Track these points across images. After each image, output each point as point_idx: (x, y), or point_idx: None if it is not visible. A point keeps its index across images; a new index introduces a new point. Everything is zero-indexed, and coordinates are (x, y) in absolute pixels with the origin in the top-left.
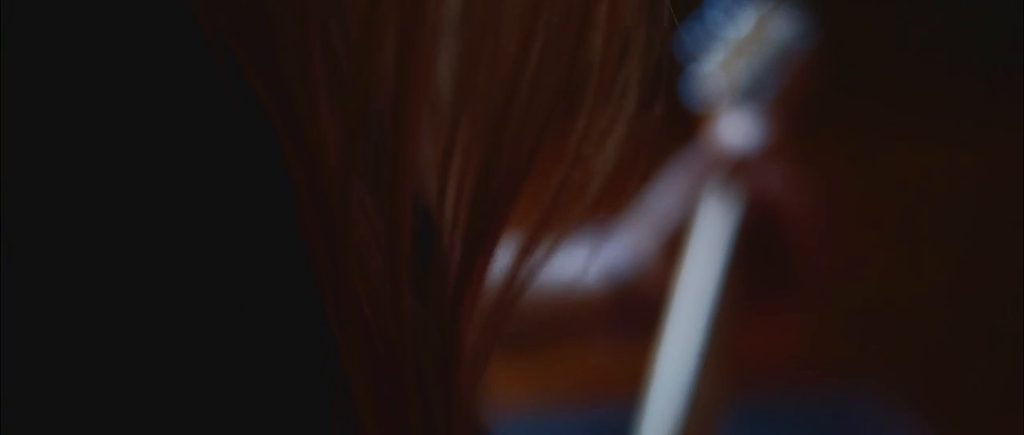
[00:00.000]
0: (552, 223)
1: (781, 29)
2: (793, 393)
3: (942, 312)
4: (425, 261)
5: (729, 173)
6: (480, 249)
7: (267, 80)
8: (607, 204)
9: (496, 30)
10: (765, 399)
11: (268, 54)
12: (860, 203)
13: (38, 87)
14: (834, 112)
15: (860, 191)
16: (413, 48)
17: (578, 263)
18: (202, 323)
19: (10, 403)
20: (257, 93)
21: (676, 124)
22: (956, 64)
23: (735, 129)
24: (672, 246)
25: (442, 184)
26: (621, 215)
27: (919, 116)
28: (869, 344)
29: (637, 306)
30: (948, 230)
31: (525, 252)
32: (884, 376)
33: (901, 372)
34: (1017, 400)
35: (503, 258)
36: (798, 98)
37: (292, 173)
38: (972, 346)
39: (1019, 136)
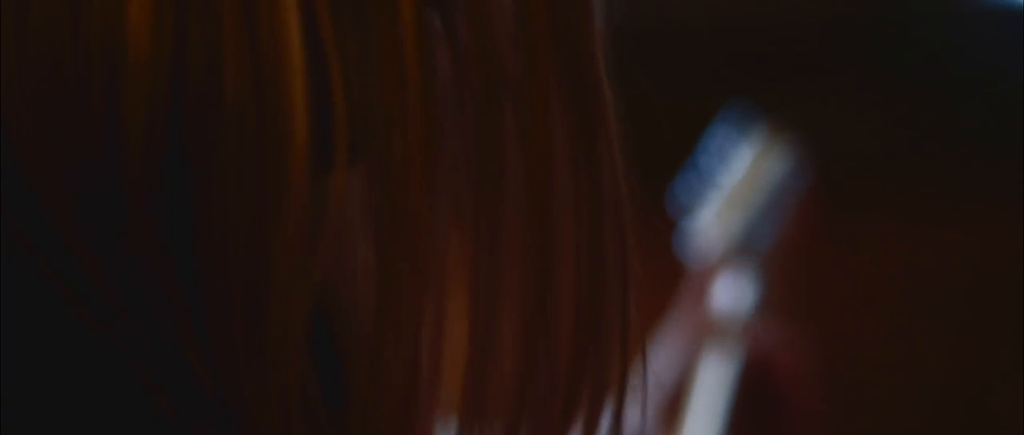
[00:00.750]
0: None
1: (776, 168)
2: None
3: (931, 397)
4: None
5: (726, 334)
6: None
7: None
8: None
9: (483, 415)
10: None
11: None
12: (850, 284)
13: None
14: (825, 190)
15: (850, 272)
16: None
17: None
18: None
19: None
20: None
21: (671, 281)
22: (950, 145)
23: (730, 287)
24: (671, 409)
25: None
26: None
27: (911, 196)
28: (856, 428)
29: None
30: (939, 313)
31: None
32: None
33: None
34: None
35: None
36: (794, 249)
37: None
38: (961, 431)
39: (1013, 218)
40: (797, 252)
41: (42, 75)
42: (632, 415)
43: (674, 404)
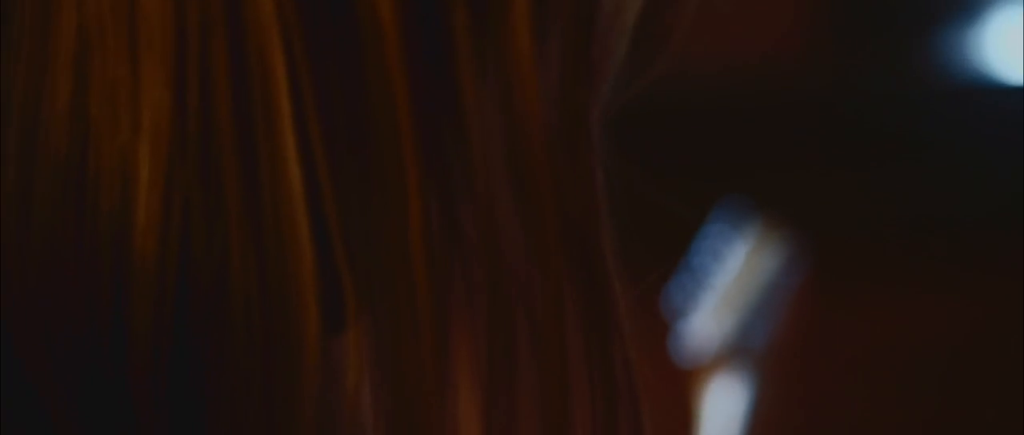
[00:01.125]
0: None
1: (769, 262)
2: None
3: None
4: None
5: None
6: None
7: None
8: None
9: None
10: None
11: None
12: (841, 350)
13: None
14: (821, 260)
15: (842, 339)
16: None
17: None
18: None
19: None
20: None
21: (667, 384)
22: (943, 215)
23: (726, 391)
24: None
25: None
26: None
27: (903, 264)
28: None
29: None
30: (920, 382)
31: None
32: None
33: None
34: None
35: None
36: (789, 346)
37: None
38: None
39: (994, 288)
40: (792, 350)
41: (45, 270)
42: None
43: None
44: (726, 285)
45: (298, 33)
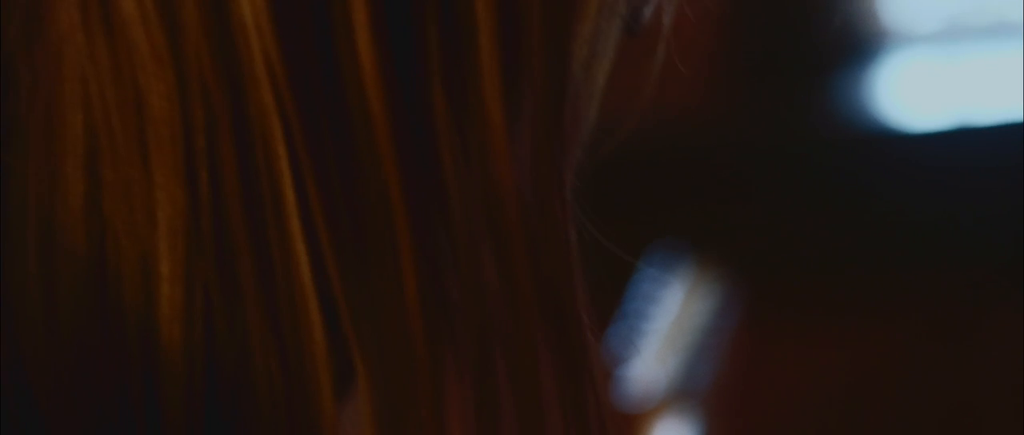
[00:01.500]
0: None
1: (706, 302)
2: None
3: None
4: None
5: None
6: None
7: None
8: None
9: None
10: None
11: None
12: (771, 387)
13: None
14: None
15: (782, 368)
16: None
17: None
18: None
19: None
20: None
21: (614, 430)
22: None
23: (671, 431)
24: None
25: None
26: None
27: (825, 296)
28: None
29: None
30: (862, 412)
31: None
32: None
33: None
34: None
35: None
36: (731, 384)
37: None
38: None
39: (925, 319)
40: (735, 388)
41: (76, 366)
42: None
43: None
44: (666, 328)
45: (298, 125)
